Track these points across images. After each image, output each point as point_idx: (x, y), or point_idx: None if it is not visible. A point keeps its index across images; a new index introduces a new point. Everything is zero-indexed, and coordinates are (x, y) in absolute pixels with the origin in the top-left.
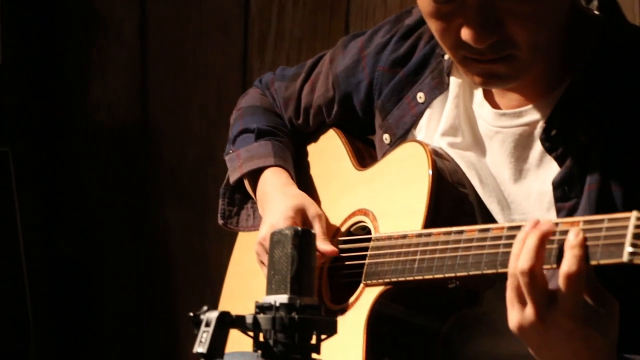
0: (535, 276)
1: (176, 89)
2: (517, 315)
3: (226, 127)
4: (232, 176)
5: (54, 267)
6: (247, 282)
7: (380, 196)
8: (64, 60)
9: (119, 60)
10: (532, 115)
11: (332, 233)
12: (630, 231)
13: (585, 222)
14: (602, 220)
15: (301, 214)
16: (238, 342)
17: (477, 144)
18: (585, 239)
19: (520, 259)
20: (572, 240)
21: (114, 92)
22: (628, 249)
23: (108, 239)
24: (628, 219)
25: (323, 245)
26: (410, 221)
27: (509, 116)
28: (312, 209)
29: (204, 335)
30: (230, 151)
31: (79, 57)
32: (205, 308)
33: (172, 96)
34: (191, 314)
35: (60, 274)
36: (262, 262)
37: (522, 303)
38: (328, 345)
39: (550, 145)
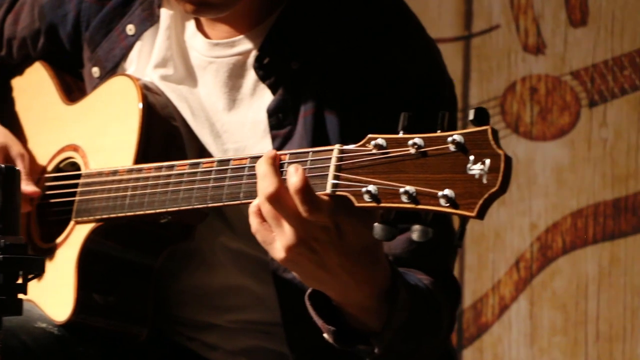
0: (280, 199)
1: None
2: (280, 242)
3: None
4: None
5: None
6: None
7: (90, 131)
8: None
9: None
10: (245, 44)
11: (40, 170)
12: (332, 163)
13: (291, 155)
14: (307, 153)
15: (3, 154)
16: None
17: (190, 76)
18: (304, 173)
19: (261, 185)
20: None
21: None
22: (331, 180)
23: None
24: (331, 151)
25: (25, 186)
26: (121, 156)
27: (222, 46)
28: (14, 148)
29: None
30: None
31: None
32: None
33: None
34: None
35: None
36: None
37: (280, 226)
38: (39, 285)
39: (264, 74)
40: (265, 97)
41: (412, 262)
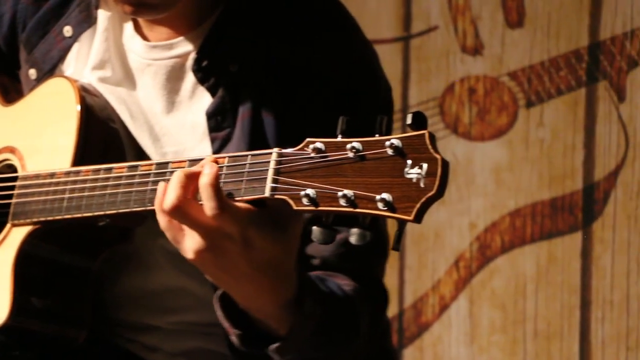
0: (181, 212)
1: None
2: (186, 246)
3: None
4: None
5: None
6: None
7: (27, 133)
8: None
9: None
10: (184, 47)
11: None
12: (271, 167)
13: (230, 158)
14: (245, 157)
15: None
16: None
17: (128, 78)
18: (218, 172)
19: (165, 197)
20: (205, 175)
21: None
22: (270, 184)
23: None
24: (270, 154)
25: None
26: (59, 159)
27: (160, 48)
28: None
29: None
30: None
31: None
32: None
33: None
34: None
35: None
36: None
37: (186, 234)
38: None
39: (202, 76)
40: (204, 99)
41: (339, 266)
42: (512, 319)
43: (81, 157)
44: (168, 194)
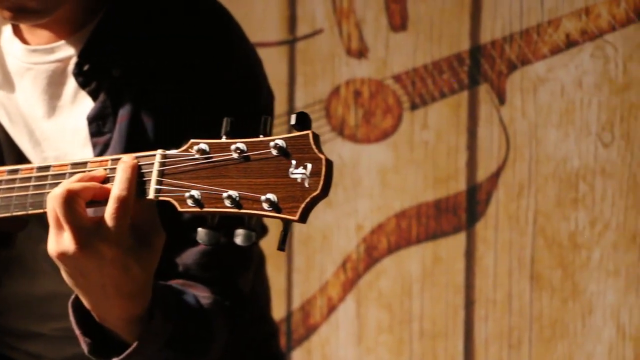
0: (69, 201)
1: None
2: (55, 239)
3: None
4: None
5: None
6: None
7: None
8: None
9: None
10: (65, 51)
11: None
12: (155, 169)
13: (113, 160)
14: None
15: None
16: None
17: (7, 82)
18: (137, 165)
19: (61, 184)
20: (124, 164)
21: None
22: (154, 186)
23: None
24: (154, 156)
25: None
26: None
27: (40, 52)
28: None
29: None
30: None
31: None
32: None
33: None
34: None
35: None
36: None
37: (60, 228)
38: None
39: (83, 80)
40: (86, 104)
41: (199, 275)
42: (399, 319)
43: None
44: (65, 181)
